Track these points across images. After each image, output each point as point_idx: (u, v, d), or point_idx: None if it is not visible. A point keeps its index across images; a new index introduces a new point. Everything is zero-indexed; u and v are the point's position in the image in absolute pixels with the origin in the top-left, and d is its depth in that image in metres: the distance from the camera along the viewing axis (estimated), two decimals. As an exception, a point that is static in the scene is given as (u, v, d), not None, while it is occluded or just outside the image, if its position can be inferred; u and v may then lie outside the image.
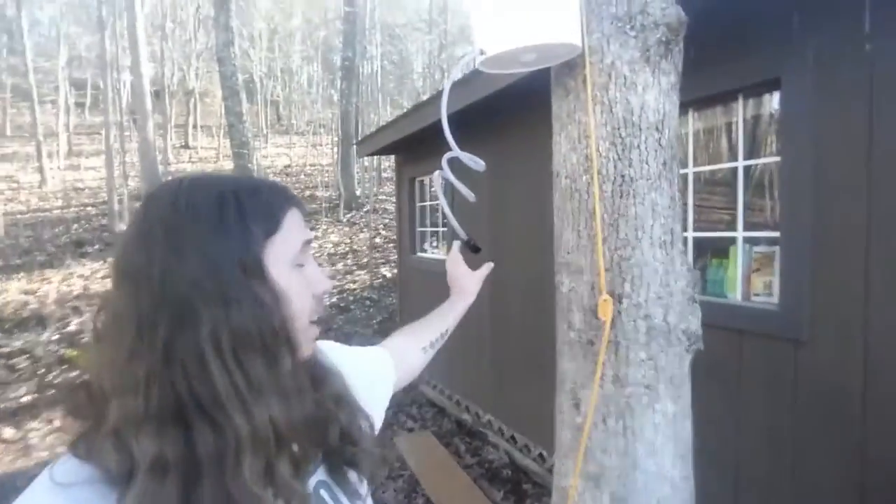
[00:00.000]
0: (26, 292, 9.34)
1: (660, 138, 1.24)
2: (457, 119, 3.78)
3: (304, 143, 22.44)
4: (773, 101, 1.99)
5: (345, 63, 14.99)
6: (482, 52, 1.16)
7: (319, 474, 0.67)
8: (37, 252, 11.16)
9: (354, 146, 15.25)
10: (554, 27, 1.14)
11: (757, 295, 2.02)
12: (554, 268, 1.37)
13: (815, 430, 1.82)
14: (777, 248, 1.94)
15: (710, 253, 2.23)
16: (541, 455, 3.41)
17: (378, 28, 21.22)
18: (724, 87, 1.98)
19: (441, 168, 1.24)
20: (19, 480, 4.07)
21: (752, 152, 2.07)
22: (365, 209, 14.74)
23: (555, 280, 1.38)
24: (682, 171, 1.58)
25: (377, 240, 12.16)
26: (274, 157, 21.04)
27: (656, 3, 1.23)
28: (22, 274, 10.25)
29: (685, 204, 2.50)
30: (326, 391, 0.70)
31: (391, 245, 11.86)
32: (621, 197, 1.22)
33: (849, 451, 1.73)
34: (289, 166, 20.11)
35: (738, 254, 2.06)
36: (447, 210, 1.24)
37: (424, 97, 19.46)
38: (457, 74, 1.21)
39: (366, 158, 16.55)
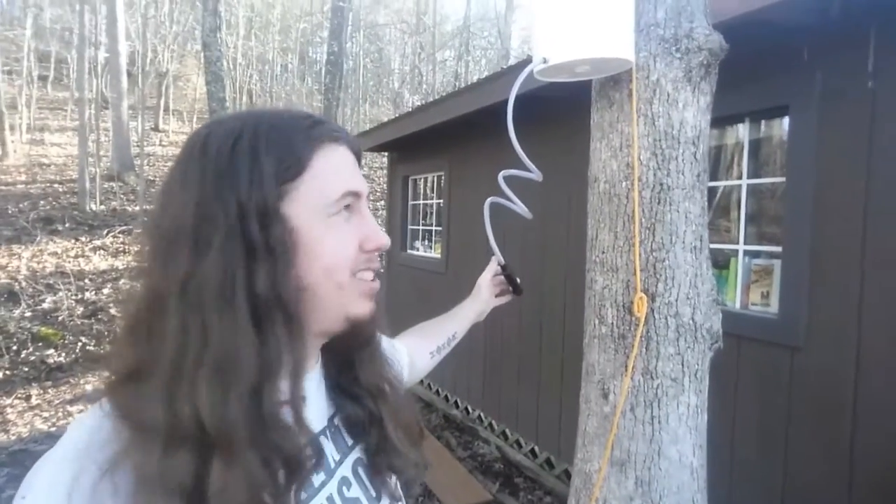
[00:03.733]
0: (-5, 267, 8.99)
1: (695, 152, 1.35)
2: (464, 121, 3.83)
3: (279, 134, 22.12)
4: (779, 126, 2.15)
5: (330, 57, 14.89)
6: (545, 61, 1.23)
7: (357, 452, 0.62)
8: (2, 226, 10.72)
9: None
10: (611, 43, 1.23)
11: (755, 304, 2.17)
12: (586, 265, 1.46)
13: (807, 430, 1.98)
14: (775, 262, 2.10)
15: (713, 264, 2.39)
16: (532, 451, 3.52)
17: (361, 26, 21.11)
18: (736, 110, 2.13)
19: (493, 198, 1.28)
20: (1, 455, 4.02)
21: (755, 172, 2.23)
22: (342, 205, 14.64)
23: (586, 278, 1.47)
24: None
25: (354, 236, 12.10)
26: (249, 146, 20.57)
27: (700, 29, 1.34)
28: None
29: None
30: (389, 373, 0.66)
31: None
32: (659, 203, 1.32)
33: (839, 452, 1.89)
34: (265, 157, 19.69)
35: (739, 265, 2.21)
36: (490, 235, 1.28)
37: (407, 99, 19.48)
38: (520, 80, 1.28)
39: (344, 154, 16.46)
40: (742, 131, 2.27)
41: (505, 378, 3.80)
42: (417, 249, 5.39)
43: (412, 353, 1.02)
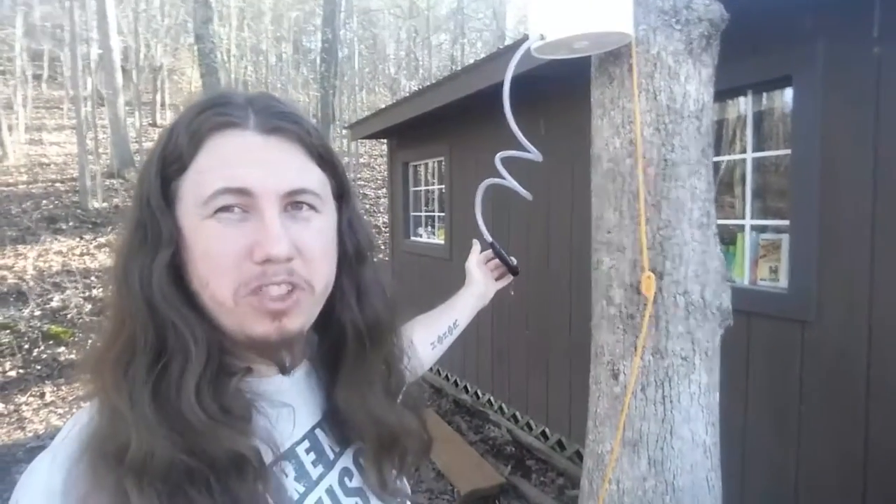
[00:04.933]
0: (1, 267, 9.05)
1: (699, 126, 1.32)
2: (462, 104, 3.78)
3: (277, 125, 21.98)
4: (783, 97, 2.11)
5: (324, 45, 14.75)
6: (542, 37, 1.20)
7: (344, 460, 0.58)
8: (6, 227, 10.77)
9: (333, 129, 15.08)
10: (610, 17, 1.20)
11: (763, 280, 2.15)
12: (592, 246, 1.44)
13: (820, 405, 1.97)
14: (783, 236, 2.07)
15: (720, 240, 2.37)
16: (543, 433, 3.53)
17: (354, 12, 20.88)
18: (738, 82, 2.09)
19: (490, 180, 1.24)
20: (18, 452, 4.09)
21: (760, 145, 2.20)
22: (344, 195, 14.62)
23: (592, 259, 1.45)
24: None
25: (359, 225, 12.13)
26: (248, 138, 20.47)
27: (701, -1, 1.30)
28: None
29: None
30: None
31: (373, 230, 11.82)
32: (664, 180, 1.29)
33: (852, 427, 1.88)
34: (263, 149, 19.62)
35: (746, 240, 2.19)
36: (479, 215, 1.24)
37: (404, 85, 19.32)
38: (517, 58, 1.25)
39: (343, 143, 16.39)
40: (745, 104, 2.23)
41: (513, 361, 3.81)
42: (421, 236, 5.37)
43: (415, 346, 0.99)
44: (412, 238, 5.38)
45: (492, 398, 4.11)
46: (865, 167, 1.78)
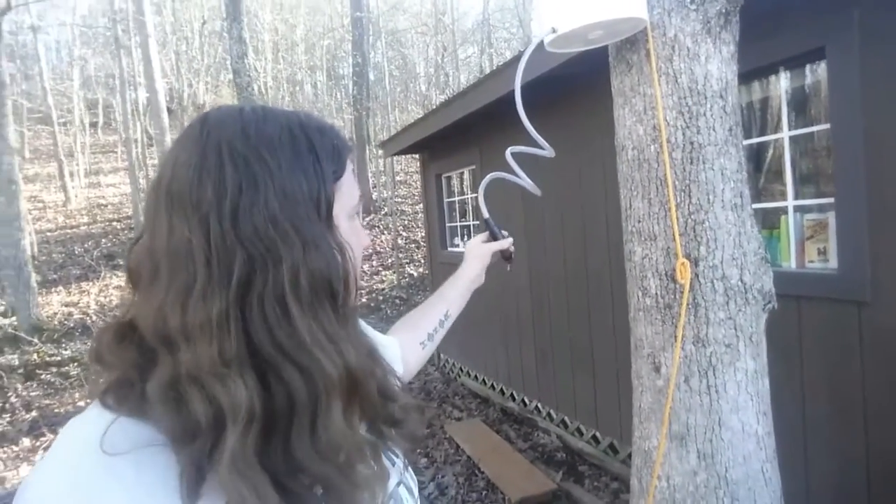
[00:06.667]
0: (67, 304, 9.65)
1: (724, 105, 1.28)
2: (489, 111, 3.79)
3: (316, 151, 22.61)
4: (818, 72, 2.01)
5: (355, 69, 15.11)
6: (554, 31, 1.20)
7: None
8: (71, 266, 11.51)
9: (369, 149, 15.38)
10: (622, 3, 1.18)
11: (812, 262, 2.05)
12: (623, 237, 1.41)
13: (885, 389, 1.84)
14: (829, 214, 1.97)
15: (761, 225, 2.26)
16: (594, 437, 3.44)
17: (382, 34, 21.37)
18: (769, 60, 2.01)
19: (495, 174, 1.22)
20: None
21: (797, 123, 2.10)
22: (383, 212, 14.84)
23: (625, 250, 1.42)
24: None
25: (398, 241, 12.26)
26: (287, 166, 21.15)
27: (715, -25, 1.27)
28: (60, 287, 10.59)
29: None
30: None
31: (413, 245, 11.94)
32: (691, 163, 1.26)
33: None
34: (303, 175, 20.22)
35: (790, 223, 2.09)
36: (482, 194, 1.22)
37: (435, 100, 19.54)
38: (528, 53, 1.25)
39: (378, 163, 16.68)
40: (778, 82, 2.14)
41: (558, 366, 3.74)
42: (458, 246, 5.38)
43: (403, 347, 0.96)
44: (449, 249, 5.39)
45: (539, 405, 4.04)
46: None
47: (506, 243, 1.16)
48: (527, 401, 4.21)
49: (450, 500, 3.17)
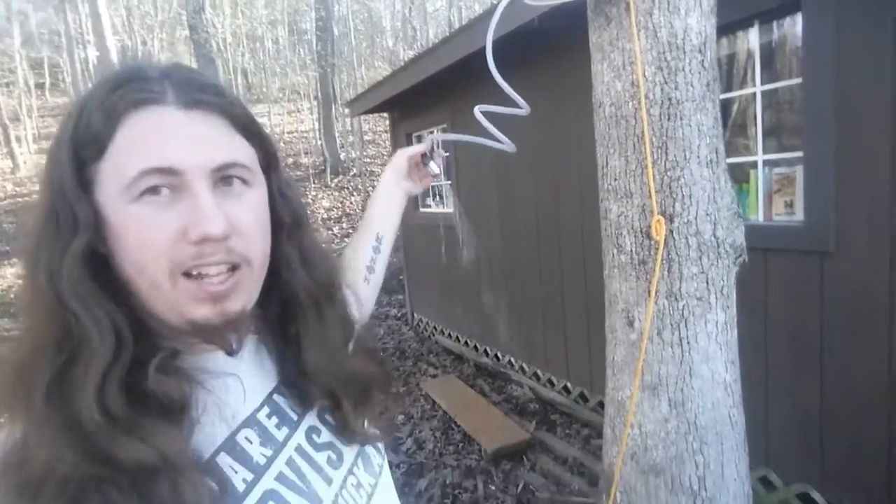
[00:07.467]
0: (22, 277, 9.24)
1: (703, 60, 1.28)
2: (460, 67, 3.69)
3: (279, 110, 21.90)
4: (792, 25, 2.02)
5: (318, 23, 14.53)
6: (532, -18, 1.16)
7: (308, 419, 0.58)
8: (24, 237, 11.05)
9: (336, 108, 14.97)
10: (601, -48, 1.15)
11: (778, 215, 2.11)
12: (599, 196, 1.42)
13: (843, 336, 1.95)
14: (797, 168, 2.02)
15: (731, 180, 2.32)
16: (565, 387, 3.58)
17: (346, -14, 20.46)
18: (743, 13, 2.00)
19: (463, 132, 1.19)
20: None
21: (769, 78, 2.12)
22: (352, 173, 14.60)
23: (600, 208, 1.43)
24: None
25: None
26: (251, 126, 20.47)
27: (695, -76, 1.24)
28: (14, 259, 10.18)
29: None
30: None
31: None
32: (669, 119, 1.26)
33: (877, 355, 1.86)
34: (268, 135, 19.65)
35: (759, 176, 2.14)
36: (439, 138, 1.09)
37: (403, 56, 19.00)
38: (502, 6, 1.22)
39: (346, 122, 16.28)
40: (751, 36, 2.14)
41: (530, 321, 3.83)
42: (430, 207, 5.35)
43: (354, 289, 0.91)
44: (421, 210, 5.37)
45: (512, 359, 4.15)
46: (883, 91, 1.71)
47: (420, 147, 1.02)
48: (500, 356, 4.31)
49: (428, 453, 3.26)
